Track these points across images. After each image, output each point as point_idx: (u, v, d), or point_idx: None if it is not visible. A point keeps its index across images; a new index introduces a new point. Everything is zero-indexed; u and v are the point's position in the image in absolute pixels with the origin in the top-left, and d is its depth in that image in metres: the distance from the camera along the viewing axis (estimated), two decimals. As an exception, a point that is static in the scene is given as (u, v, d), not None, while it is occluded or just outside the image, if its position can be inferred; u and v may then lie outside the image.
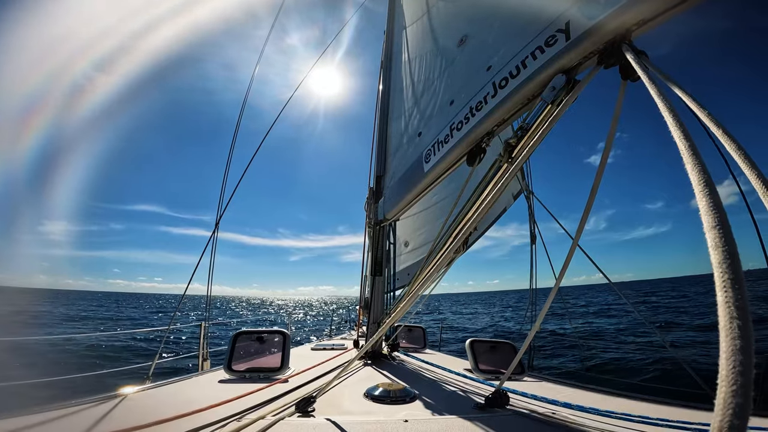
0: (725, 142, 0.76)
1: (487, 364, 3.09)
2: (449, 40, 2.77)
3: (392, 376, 2.85)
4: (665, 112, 0.86)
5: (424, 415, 1.84)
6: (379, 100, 4.56)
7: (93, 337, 14.44)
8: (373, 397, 2.12)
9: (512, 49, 1.74)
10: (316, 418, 1.74)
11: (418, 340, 4.93)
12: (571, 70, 1.43)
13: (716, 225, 0.56)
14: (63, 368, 9.09)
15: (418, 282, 2.27)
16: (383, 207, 3.59)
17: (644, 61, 1.06)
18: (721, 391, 0.41)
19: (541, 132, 1.46)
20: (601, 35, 1.28)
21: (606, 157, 1.42)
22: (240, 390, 2.28)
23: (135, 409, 2.00)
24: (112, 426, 1.67)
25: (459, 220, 2.08)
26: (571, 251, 1.62)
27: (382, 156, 4.07)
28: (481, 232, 6.04)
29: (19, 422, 1.67)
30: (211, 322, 5.11)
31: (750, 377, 0.40)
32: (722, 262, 0.51)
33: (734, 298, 0.46)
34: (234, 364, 2.84)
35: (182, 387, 2.52)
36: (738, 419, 0.39)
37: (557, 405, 2.08)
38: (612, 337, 14.46)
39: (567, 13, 1.43)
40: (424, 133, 2.86)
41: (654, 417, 1.82)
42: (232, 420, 1.73)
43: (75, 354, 11.04)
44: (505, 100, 1.74)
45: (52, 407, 1.89)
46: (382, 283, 3.99)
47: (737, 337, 0.43)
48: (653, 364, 8.52)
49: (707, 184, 0.63)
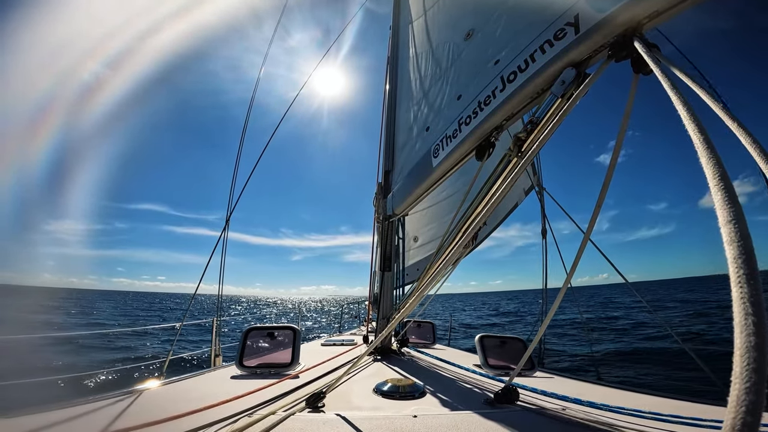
0: (740, 135, 0.74)
1: (497, 359, 3.08)
2: (456, 33, 2.75)
3: (401, 372, 2.86)
4: (679, 106, 0.84)
5: (433, 411, 1.85)
6: (386, 95, 4.55)
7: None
8: (382, 393, 2.13)
9: (520, 42, 1.72)
10: (325, 413, 1.76)
11: (428, 336, 4.93)
12: (581, 64, 1.41)
13: (732, 219, 0.55)
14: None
15: (427, 277, 2.27)
16: (392, 202, 3.59)
17: (656, 54, 1.04)
18: (735, 388, 0.41)
19: (552, 126, 1.44)
20: (612, 28, 1.26)
21: (618, 150, 1.39)
22: (251, 386, 2.32)
23: (150, 406, 2.04)
24: (128, 422, 1.71)
25: (468, 215, 2.07)
26: (582, 245, 1.61)
27: (389, 151, 4.06)
28: (491, 228, 6.01)
29: (35, 420, 1.72)
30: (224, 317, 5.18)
31: (764, 375, 0.40)
32: (737, 257, 0.50)
33: (749, 294, 0.46)
34: (245, 360, 2.88)
35: (195, 383, 2.57)
36: (751, 416, 0.39)
37: (568, 401, 2.07)
38: (623, 332, 14.32)
39: (576, 5, 1.41)
40: (432, 128, 2.85)
41: (666, 413, 1.80)
42: (243, 415, 1.75)
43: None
44: (513, 94, 1.72)
45: (69, 404, 1.94)
46: (391, 278, 4.00)
47: (752, 333, 0.42)
48: (666, 359, 8.44)
49: (722, 177, 0.62)
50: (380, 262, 4.07)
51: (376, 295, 4.46)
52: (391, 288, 3.98)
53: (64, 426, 1.70)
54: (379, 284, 4.08)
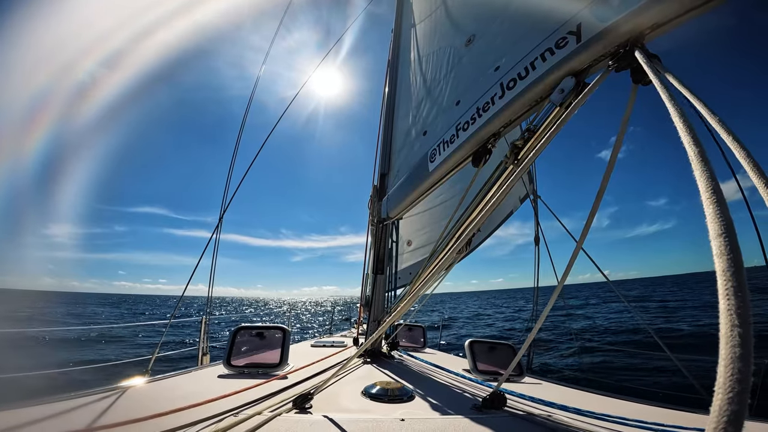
0: (735, 149, 0.75)
1: (486, 364, 3.09)
2: (457, 39, 2.76)
3: (391, 375, 2.85)
4: (676, 118, 0.85)
5: (421, 415, 1.84)
6: (385, 97, 4.56)
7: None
8: (370, 395, 2.12)
9: (521, 50, 1.73)
10: (313, 414, 1.75)
11: (418, 340, 4.93)
12: (580, 73, 1.41)
13: (722, 233, 0.56)
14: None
15: (419, 282, 2.27)
16: (387, 205, 3.58)
17: (656, 66, 1.05)
18: (718, 397, 0.41)
19: (549, 134, 1.45)
20: (613, 38, 1.26)
21: (614, 159, 1.40)
22: (238, 385, 2.29)
23: (134, 403, 2.02)
24: (111, 419, 1.69)
25: (463, 221, 2.07)
26: (574, 255, 1.61)
27: (386, 154, 4.07)
28: (485, 235, 6.03)
29: (18, 415, 1.69)
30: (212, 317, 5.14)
31: (747, 385, 0.41)
32: (726, 270, 0.51)
33: (736, 306, 0.46)
34: (233, 359, 2.85)
35: (181, 381, 2.54)
36: (733, 426, 0.39)
37: (554, 407, 2.08)
38: (612, 337, 14.39)
39: (579, 15, 1.42)
40: (430, 133, 2.86)
41: (650, 421, 1.82)
42: (229, 415, 1.74)
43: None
44: (512, 101, 1.73)
45: (52, 400, 1.91)
46: (383, 281, 3.99)
47: (737, 345, 0.43)
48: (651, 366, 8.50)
49: (715, 191, 0.63)
50: (373, 264, 4.06)
51: (368, 297, 4.45)
52: (383, 291, 3.97)
53: (46, 422, 1.68)
54: (371, 287, 4.08)
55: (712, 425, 0.40)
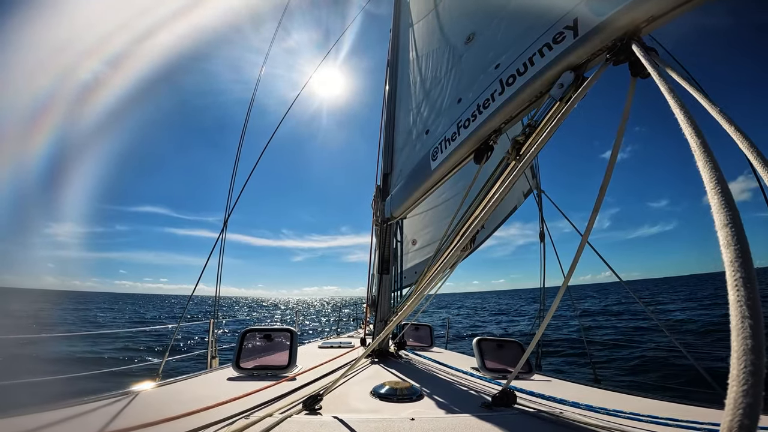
0: (737, 139, 0.74)
1: (495, 362, 3.08)
2: (456, 37, 2.76)
3: (399, 374, 2.85)
4: (676, 109, 0.84)
5: (431, 414, 1.84)
6: (386, 97, 4.56)
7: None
8: (379, 395, 2.12)
9: (520, 46, 1.73)
10: (323, 415, 1.75)
11: (425, 339, 4.93)
12: (579, 67, 1.41)
13: (728, 223, 0.55)
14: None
15: (425, 280, 2.27)
16: (390, 205, 3.58)
17: (654, 58, 1.05)
18: (732, 390, 0.41)
19: (550, 129, 1.45)
20: (610, 32, 1.26)
21: (616, 153, 1.40)
22: (248, 388, 2.30)
23: (145, 407, 2.03)
24: (124, 423, 1.70)
25: (466, 218, 2.07)
26: (580, 249, 1.61)
27: (389, 154, 4.06)
28: (490, 231, 6.01)
29: (31, 420, 1.71)
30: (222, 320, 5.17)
31: (761, 377, 0.40)
32: (734, 260, 0.50)
33: (746, 297, 0.46)
34: (242, 361, 2.86)
35: (191, 385, 2.56)
36: (748, 419, 0.39)
37: (565, 404, 2.06)
38: (621, 334, 14.31)
39: (575, 9, 1.42)
40: (432, 131, 2.85)
41: (663, 416, 1.80)
42: (240, 417, 1.75)
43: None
44: (512, 97, 1.73)
45: (64, 405, 1.92)
46: (389, 281, 3.99)
47: (749, 336, 0.43)
48: (663, 362, 8.43)
49: (719, 181, 0.63)
50: (378, 264, 4.07)
51: (374, 297, 4.45)
52: (389, 291, 3.97)
53: (60, 426, 1.69)
54: (377, 287, 4.08)
55: (728, 418, 0.40)
